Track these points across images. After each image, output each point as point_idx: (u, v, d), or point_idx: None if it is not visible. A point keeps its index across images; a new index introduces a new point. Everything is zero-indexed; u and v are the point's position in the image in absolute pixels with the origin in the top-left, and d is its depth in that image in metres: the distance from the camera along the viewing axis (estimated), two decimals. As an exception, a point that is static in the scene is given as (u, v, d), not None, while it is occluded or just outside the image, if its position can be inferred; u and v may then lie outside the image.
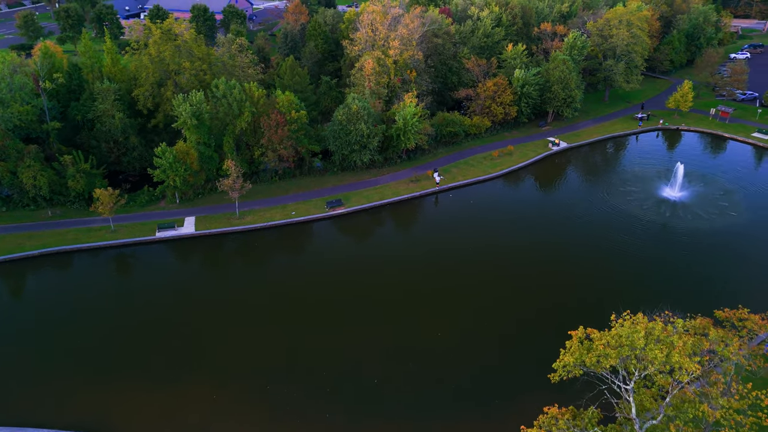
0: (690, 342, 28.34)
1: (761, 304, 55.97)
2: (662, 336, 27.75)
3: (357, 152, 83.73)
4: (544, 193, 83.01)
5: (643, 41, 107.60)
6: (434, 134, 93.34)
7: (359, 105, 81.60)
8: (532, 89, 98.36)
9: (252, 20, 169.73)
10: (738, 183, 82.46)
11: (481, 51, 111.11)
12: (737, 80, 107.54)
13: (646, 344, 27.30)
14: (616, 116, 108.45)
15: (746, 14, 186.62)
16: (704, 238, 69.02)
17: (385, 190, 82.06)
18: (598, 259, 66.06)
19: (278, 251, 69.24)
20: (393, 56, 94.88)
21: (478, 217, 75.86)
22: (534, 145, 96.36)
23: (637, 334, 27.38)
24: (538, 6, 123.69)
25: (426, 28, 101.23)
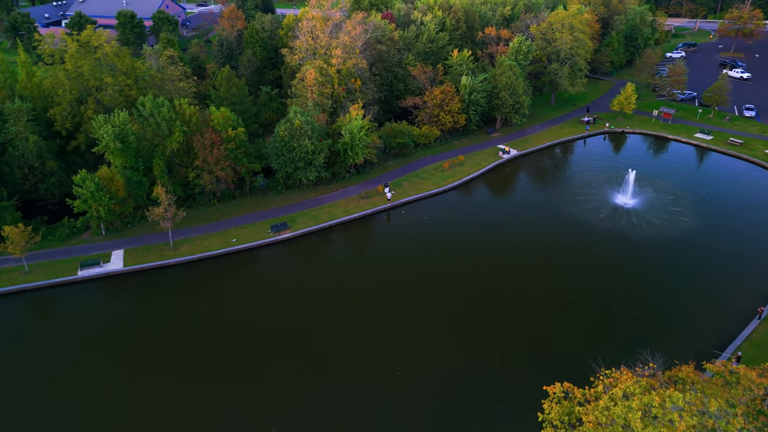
0: (692, 423, 24.64)
1: (729, 322, 54.39)
2: (660, 413, 24.01)
3: (302, 170, 77.94)
4: (497, 206, 79.71)
5: (586, 44, 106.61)
6: (383, 146, 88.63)
7: (302, 120, 75.82)
8: (480, 96, 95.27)
9: (185, 26, 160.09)
10: (686, 186, 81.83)
11: (426, 57, 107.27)
12: (677, 81, 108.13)
13: (644, 427, 23.45)
14: (563, 120, 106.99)
15: (677, 13, 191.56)
16: (662, 249, 67.29)
17: (335, 209, 76.67)
18: (559, 277, 63.05)
19: (217, 285, 62.65)
20: (336, 65, 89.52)
21: (432, 234, 71.68)
22: (484, 153, 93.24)
23: (632, 413, 23.50)
24: (481, 10, 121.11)
25: (369, 35, 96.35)
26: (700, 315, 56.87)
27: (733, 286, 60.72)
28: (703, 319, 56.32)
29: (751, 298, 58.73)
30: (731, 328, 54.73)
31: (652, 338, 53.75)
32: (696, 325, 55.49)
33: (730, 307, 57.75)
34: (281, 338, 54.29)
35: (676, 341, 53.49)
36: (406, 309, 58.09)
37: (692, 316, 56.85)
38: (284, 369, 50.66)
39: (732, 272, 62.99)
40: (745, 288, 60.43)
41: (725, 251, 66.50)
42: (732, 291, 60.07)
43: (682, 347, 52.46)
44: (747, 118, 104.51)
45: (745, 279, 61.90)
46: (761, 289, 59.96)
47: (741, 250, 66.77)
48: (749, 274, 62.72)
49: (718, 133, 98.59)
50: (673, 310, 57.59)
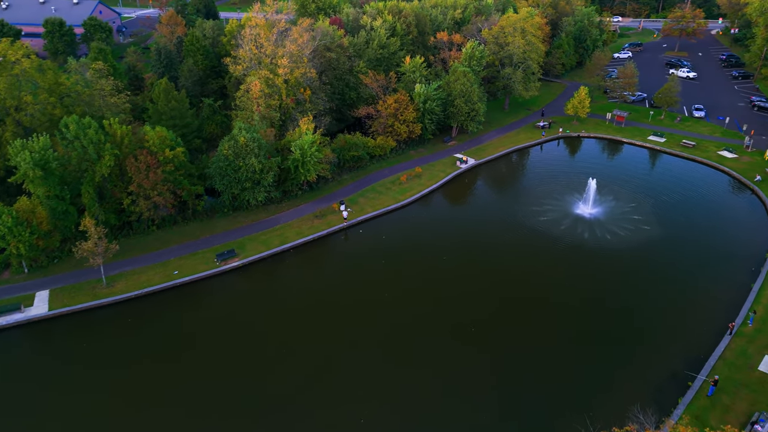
0: None
1: (700, 339, 52.16)
2: None
3: (249, 190, 72.05)
4: (458, 221, 75.94)
5: (538, 48, 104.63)
6: (336, 161, 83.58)
7: (247, 137, 69.94)
8: (435, 105, 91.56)
9: (122, 32, 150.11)
10: (645, 192, 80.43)
11: (378, 63, 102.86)
12: (628, 83, 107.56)
13: None
14: (518, 125, 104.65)
15: (621, 13, 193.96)
16: (627, 262, 65.20)
17: (287, 231, 71.20)
18: (525, 296, 59.87)
19: (158, 326, 56.30)
20: (283, 75, 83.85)
21: (391, 255, 67.30)
22: (442, 163, 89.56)
23: None
24: (432, 13, 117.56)
25: (317, 42, 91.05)
26: (671, 332, 54.64)
27: (701, 299, 58.93)
28: (675, 336, 54.09)
29: (719, 311, 57.01)
30: (703, 345, 52.65)
31: (624, 359, 51.06)
32: (668, 343, 53.19)
33: (700, 321, 55.82)
34: (231, 388, 48.66)
35: (649, 362, 51.03)
36: (367, 347, 53.46)
37: (663, 333, 54.57)
38: (233, 424, 45.17)
39: (698, 283, 61.28)
40: (712, 300, 58.73)
41: (689, 262, 64.89)
42: (700, 304, 58.25)
43: (658, 369, 50.08)
44: (697, 119, 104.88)
45: (711, 290, 60.25)
46: (729, 301, 58.36)
47: (705, 259, 65.32)
48: (715, 284, 61.16)
49: (671, 134, 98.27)
50: (645, 328, 55.21)
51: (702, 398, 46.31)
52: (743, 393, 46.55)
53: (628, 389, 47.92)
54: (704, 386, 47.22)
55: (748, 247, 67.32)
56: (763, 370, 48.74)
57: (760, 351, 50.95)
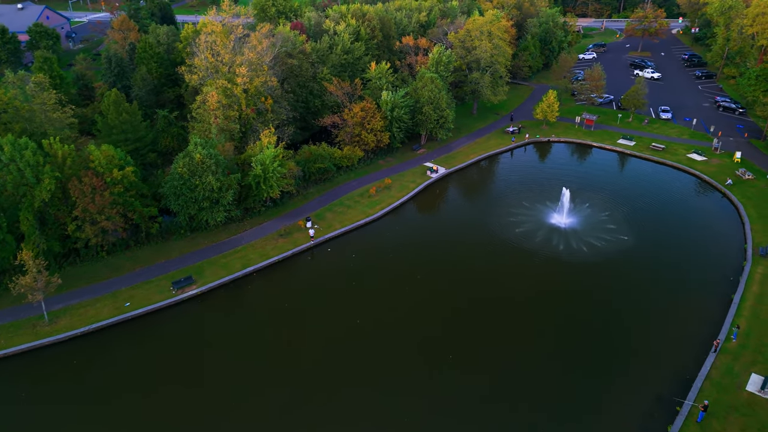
0: None
1: (685, 358, 49.74)
2: None
3: (207, 210, 67.02)
4: (430, 235, 72.31)
5: (505, 51, 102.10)
6: (301, 174, 79.07)
7: (204, 153, 64.92)
8: (403, 112, 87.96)
9: (71, 38, 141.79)
10: (618, 198, 78.51)
11: (342, 69, 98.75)
12: (596, 86, 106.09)
13: None
14: (488, 131, 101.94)
15: (584, 13, 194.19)
16: (606, 276, 62.86)
17: (249, 253, 66.46)
18: (503, 318, 56.78)
19: (106, 369, 51.04)
20: (242, 84, 78.93)
21: (362, 275, 63.40)
22: (412, 173, 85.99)
23: None
24: (396, 17, 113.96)
25: (278, 49, 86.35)
26: (655, 352, 52.27)
27: (682, 314, 56.81)
28: (658, 356, 51.73)
29: (701, 325, 55.00)
30: (688, 364, 50.42)
31: (606, 384, 48.36)
32: (652, 365, 50.77)
33: (682, 338, 53.60)
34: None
35: (633, 387, 48.45)
36: (339, 381, 49.40)
37: (646, 353, 52.12)
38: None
39: (678, 297, 59.23)
40: (694, 314, 56.74)
41: (667, 273, 62.91)
42: (682, 320, 56.10)
43: (643, 394, 47.48)
44: (664, 121, 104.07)
45: (692, 304, 58.27)
46: (710, 314, 56.44)
47: (683, 270, 63.43)
48: (695, 297, 59.23)
49: (640, 137, 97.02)
50: (626, 349, 52.65)
51: (692, 425, 43.91)
52: (733, 417, 44.33)
53: (613, 420, 45.23)
54: (693, 411, 44.83)
55: (725, 255, 65.84)
56: (751, 390, 46.67)
57: (745, 369, 48.94)
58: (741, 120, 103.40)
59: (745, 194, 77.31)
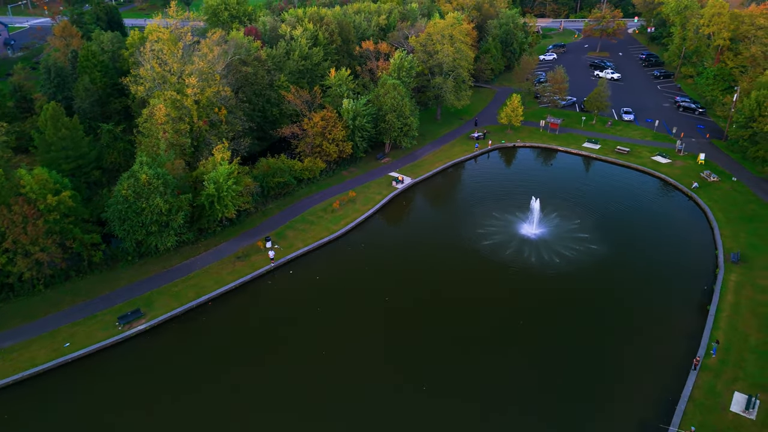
0: None
1: (665, 378, 47.37)
2: None
3: (156, 235, 61.57)
4: (398, 250, 68.55)
5: (468, 55, 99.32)
6: (259, 189, 74.16)
7: (150, 173, 59.45)
8: (365, 121, 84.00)
9: (10, 45, 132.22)
10: (587, 205, 76.60)
11: (300, 76, 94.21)
12: (559, 89, 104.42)
13: None
14: (452, 137, 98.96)
15: (542, 14, 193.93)
16: (579, 289, 60.53)
17: (204, 279, 61.35)
18: (476, 336, 53.53)
19: (42, 424, 45.38)
20: (192, 95, 73.53)
21: (326, 299, 59.16)
22: (377, 184, 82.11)
23: None
24: (355, 20, 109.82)
25: (231, 57, 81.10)
26: (635, 372, 49.93)
27: (658, 329, 54.78)
28: (639, 376, 49.40)
29: (680, 340, 53.06)
30: (670, 385, 48.23)
31: (587, 411, 45.63)
32: (633, 386, 48.40)
33: (663, 355, 51.46)
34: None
35: (617, 411, 46.03)
36: (307, 425, 45.17)
37: (626, 373, 49.73)
38: None
39: (653, 310, 57.21)
40: (671, 328, 54.79)
41: (642, 285, 60.98)
42: (659, 335, 54.05)
43: (626, 420, 44.92)
44: (627, 122, 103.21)
45: (668, 317, 56.33)
46: (688, 327, 54.57)
47: (656, 280, 61.60)
48: (671, 309, 57.34)
49: (604, 140, 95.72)
50: (605, 369, 50.10)
51: (679, 454, 41.47)
52: (720, 442, 42.15)
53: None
54: (679, 438, 42.45)
55: (698, 262, 64.46)
56: (735, 410, 44.69)
57: (728, 386, 47.01)
58: (701, 120, 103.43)
59: (712, 197, 76.42)
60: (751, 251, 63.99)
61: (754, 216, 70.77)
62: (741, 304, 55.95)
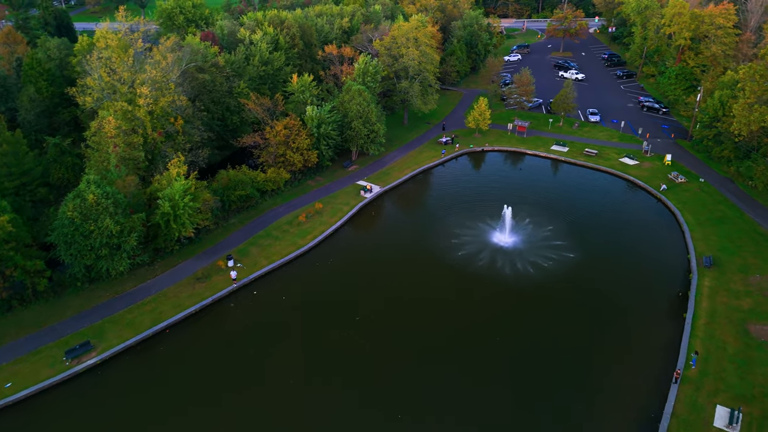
0: None
1: (647, 392, 45.60)
2: None
3: (107, 259, 56.93)
4: (368, 264, 65.46)
5: (433, 58, 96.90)
6: (220, 204, 69.99)
7: (99, 193, 54.84)
8: (330, 128, 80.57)
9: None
10: (558, 210, 75.05)
11: (261, 81, 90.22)
12: (525, 92, 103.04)
13: None
14: (420, 142, 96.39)
15: (504, 14, 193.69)
16: (556, 301, 58.58)
17: (161, 304, 57.05)
18: (450, 359, 50.97)
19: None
20: (145, 105, 68.94)
21: (293, 322, 55.64)
22: (344, 194, 78.82)
23: None
24: (317, 23, 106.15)
25: (186, 65, 76.62)
26: (614, 386, 48.17)
27: (637, 339, 53.24)
28: (619, 391, 47.60)
29: (658, 350, 51.61)
30: (651, 400, 46.59)
31: (568, 429, 43.65)
32: (614, 403, 46.59)
33: (642, 368, 49.84)
34: None
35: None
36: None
37: (606, 388, 47.91)
38: None
39: (631, 320, 55.69)
40: (649, 338, 53.29)
41: (618, 292, 59.50)
42: (638, 345, 52.48)
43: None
44: (593, 123, 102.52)
45: (645, 326, 54.86)
46: (665, 336, 53.24)
47: (631, 287, 60.22)
48: (648, 317, 55.95)
49: (572, 143, 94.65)
50: (584, 384, 48.15)
51: (665, 476, 39.63)
52: (706, 461, 40.52)
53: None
54: (664, 459, 40.63)
55: (671, 267, 63.48)
56: (719, 426, 43.25)
57: (709, 400, 45.57)
58: (665, 120, 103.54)
59: (680, 199, 75.82)
60: (723, 254, 63.27)
61: (724, 218, 70.28)
62: (717, 310, 54.86)
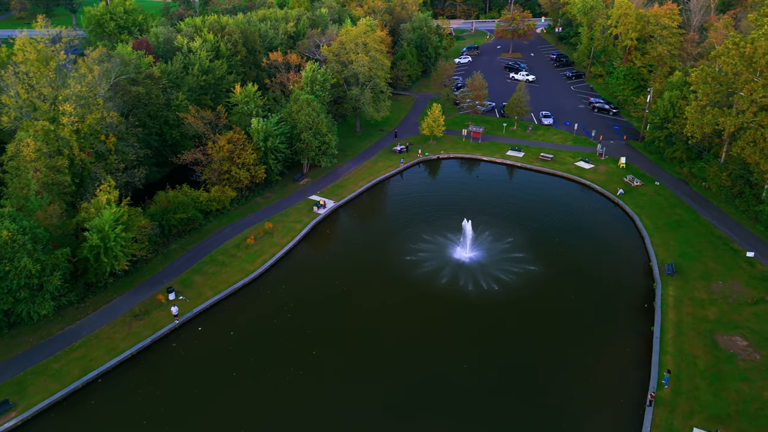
0: None
1: (622, 419, 43.25)
2: None
3: (26, 301, 50.14)
4: (324, 288, 60.74)
5: (384, 64, 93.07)
6: (158, 230, 63.83)
7: (14, 228, 48.10)
8: (278, 141, 75.46)
9: None
10: (517, 219, 72.76)
11: (203, 92, 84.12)
12: (478, 96, 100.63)
13: None
14: (374, 151, 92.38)
15: (452, 15, 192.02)
16: (522, 320, 55.88)
17: (93, 348, 50.83)
18: (415, 388, 47.23)
19: None
20: (70, 124, 62.10)
21: (243, 360, 50.60)
22: (296, 210, 73.93)
23: None
24: (261, 28, 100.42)
25: (116, 78, 69.89)
26: (587, 413, 45.55)
27: (606, 359, 50.99)
28: (592, 418, 44.94)
29: (629, 370, 49.51)
30: (626, 426, 44.03)
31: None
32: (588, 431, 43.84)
33: (614, 391, 47.48)
34: None
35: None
36: None
37: (578, 416, 45.15)
38: None
39: (597, 337, 53.51)
40: (617, 356, 51.19)
41: (582, 307, 57.35)
42: (608, 366, 50.19)
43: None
44: (547, 126, 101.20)
45: (614, 343, 52.79)
46: (634, 353, 51.25)
47: (596, 300, 58.27)
48: (616, 333, 53.97)
49: (528, 147, 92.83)
50: (557, 413, 45.31)
51: None
52: (688, 493, 38.22)
53: None
54: (646, 493, 38.10)
55: (633, 275, 61.98)
56: (697, 451, 41.12)
57: (685, 422, 43.58)
58: (616, 121, 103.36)
59: (638, 203, 74.81)
60: (684, 261, 62.18)
61: (681, 222, 69.50)
62: (683, 322, 53.32)
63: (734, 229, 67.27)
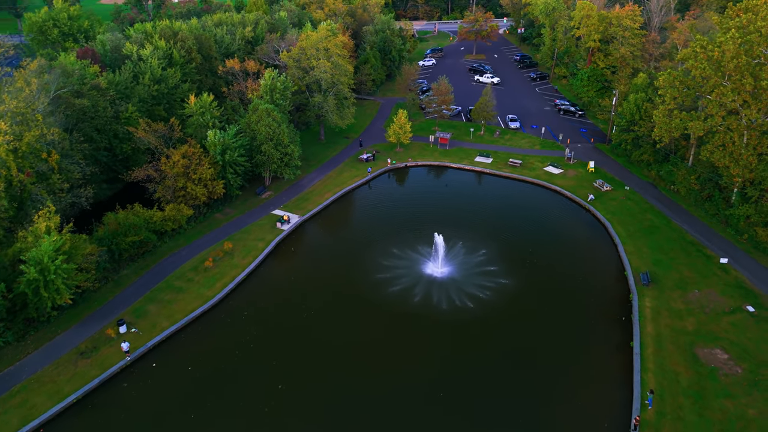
0: None
1: None
2: None
3: (-45, 347, 44.61)
4: (288, 313, 56.82)
5: (347, 70, 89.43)
6: (107, 256, 58.70)
7: (-66, 265, 42.48)
8: (237, 154, 71.03)
9: None
10: (488, 229, 70.38)
11: (155, 102, 78.87)
12: (444, 101, 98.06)
13: None
14: (340, 160, 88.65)
15: (415, 16, 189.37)
16: (499, 340, 53.44)
17: (33, 393, 45.67)
18: (387, 422, 44.01)
19: None
20: (5, 143, 56.50)
21: (202, 399, 46.33)
22: (258, 227, 69.71)
23: None
24: (217, 33, 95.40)
25: (57, 91, 64.31)
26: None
27: (586, 378, 48.84)
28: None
29: (610, 390, 47.52)
30: (612, 452, 41.87)
31: None
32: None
33: (596, 414, 45.27)
34: None
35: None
36: None
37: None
38: None
39: (575, 355, 51.34)
40: (598, 375, 49.20)
41: (559, 321, 55.29)
42: (588, 386, 47.99)
43: None
44: (514, 130, 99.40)
45: (593, 361, 50.77)
46: (615, 371, 49.29)
47: (572, 314, 56.22)
48: (594, 350, 51.98)
49: (495, 152, 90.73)
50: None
51: None
52: None
53: None
54: None
55: (609, 286, 60.34)
56: (685, 478, 39.09)
57: (671, 445, 41.52)
58: (582, 123, 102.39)
59: (609, 209, 73.43)
60: (658, 269, 60.81)
61: (653, 228, 68.31)
62: (662, 335, 51.69)
63: (705, 233, 66.39)
